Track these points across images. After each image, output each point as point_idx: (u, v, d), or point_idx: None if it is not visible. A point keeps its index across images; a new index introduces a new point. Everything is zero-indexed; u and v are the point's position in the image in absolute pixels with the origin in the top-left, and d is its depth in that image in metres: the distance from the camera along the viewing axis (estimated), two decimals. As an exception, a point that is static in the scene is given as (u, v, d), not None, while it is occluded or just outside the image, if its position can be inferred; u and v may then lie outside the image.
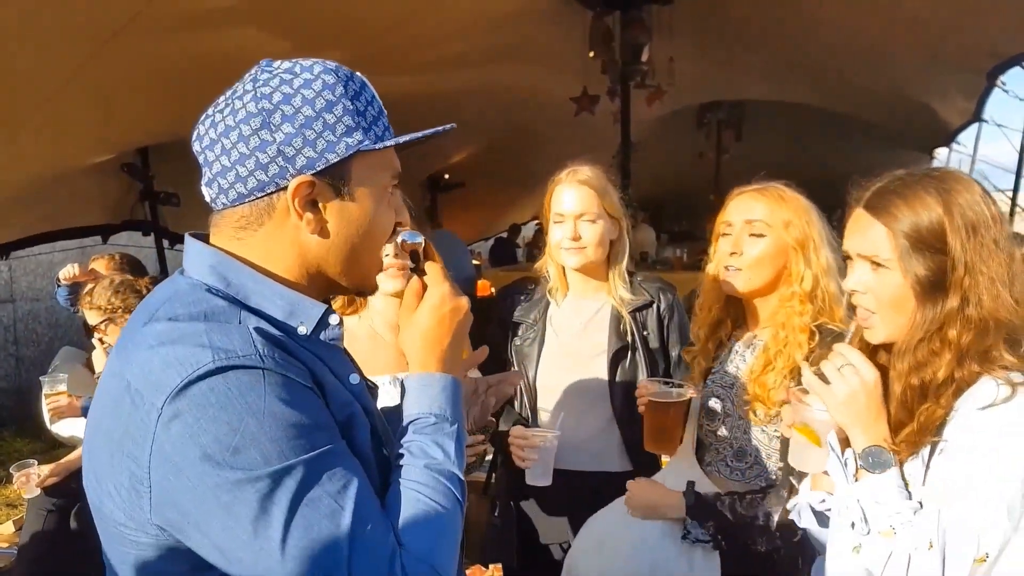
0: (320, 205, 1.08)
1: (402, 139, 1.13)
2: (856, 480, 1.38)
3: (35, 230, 6.27)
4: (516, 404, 2.32)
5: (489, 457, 2.51)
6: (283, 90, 1.04)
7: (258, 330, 1.00)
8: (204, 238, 1.13)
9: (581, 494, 2.18)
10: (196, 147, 1.09)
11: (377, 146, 1.09)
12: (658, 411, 1.94)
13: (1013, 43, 7.01)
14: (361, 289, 1.21)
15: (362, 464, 1.03)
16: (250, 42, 4.76)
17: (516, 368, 2.33)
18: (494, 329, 2.44)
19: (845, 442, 1.42)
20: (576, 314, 2.34)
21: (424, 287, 1.23)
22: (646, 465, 2.21)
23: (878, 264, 1.36)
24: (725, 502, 1.85)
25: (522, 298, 2.41)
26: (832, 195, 1.97)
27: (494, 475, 2.48)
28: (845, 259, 1.45)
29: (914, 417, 1.34)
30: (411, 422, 1.12)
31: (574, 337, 2.31)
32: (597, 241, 2.23)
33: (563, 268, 2.33)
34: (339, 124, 1.06)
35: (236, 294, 1.06)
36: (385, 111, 1.15)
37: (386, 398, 1.94)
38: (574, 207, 2.22)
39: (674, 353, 2.29)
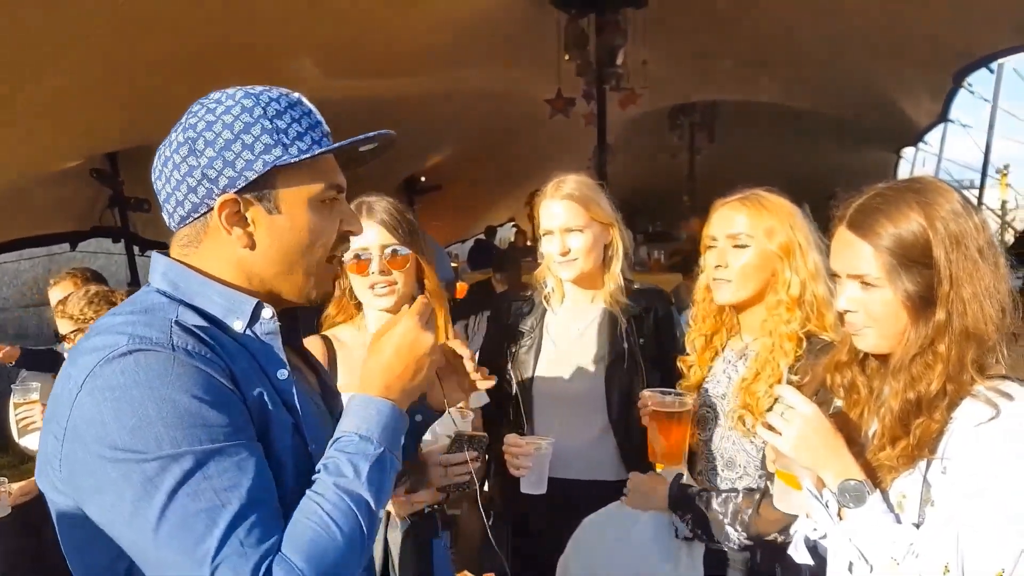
0: (250, 220, 1.15)
1: (320, 150, 1.16)
2: (840, 519, 1.37)
3: (1, 238, 6.14)
4: (511, 411, 2.30)
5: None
6: (206, 118, 1.13)
7: (179, 323, 1.07)
8: (165, 253, 1.23)
9: (575, 502, 2.16)
10: (152, 178, 1.19)
11: (293, 160, 1.13)
12: (661, 423, 1.93)
13: (980, 45, 7.15)
14: (307, 299, 1.24)
15: (277, 462, 1.08)
16: (217, 45, 4.70)
17: (514, 375, 2.31)
18: (492, 335, 2.42)
19: (821, 482, 1.42)
20: (573, 321, 2.33)
21: (427, 305, 1.28)
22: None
23: (867, 283, 1.36)
24: (703, 497, 1.87)
25: (520, 305, 2.40)
26: (804, 193, 1.99)
27: (487, 483, 2.47)
28: (833, 276, 1.46)
29: (910, 432, 1.34)
30: (336, 439, 1.13)
31: (571, 344, 2.30)
32: (586, 252, 2.22)
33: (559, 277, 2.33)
34: (257, 143, 1.12)
35: (182, 295, 1.14)
36: (322, 126, 1.20)
37: None
38: (560, 221, 2.22)
39: (670, 361, 2.28)
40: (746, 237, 1.87)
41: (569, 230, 2.21)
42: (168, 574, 0.97)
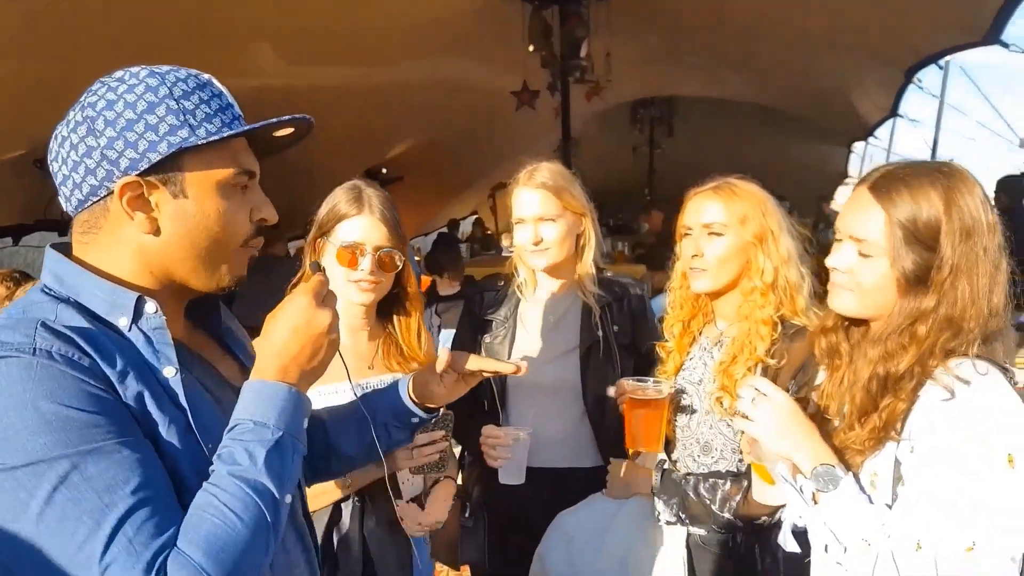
0: (153, 204, 1.09)
1: (229, 133, 1.10)
2: (815, 503, 1.40)
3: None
4: (486, 402, 2.29)
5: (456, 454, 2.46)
6: (107, 97, 1.08)
7: (47, 325, 1.00)
8: (60, 247, 1.16)
9: (553, 491, 2.17)
10: (48, 160, 1.13)
11: (201, 142, 1.08)
12: (638, 410, 1.94)
13: (931, 42, 7.34)
14: (218, 287, 1.18)
15: (171, 462, 1.03)
16: (177, 31, 4.59)
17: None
18: (465, 325, 2.41)
19: (796, 468, 1.44)
20: (547, 311, 2.32)
21: (322, 283, 1.20)
22: (617, 460, 2.20)
23: (865, 252, 1.38)
24: (689, 482, 1.89)
25: (492, 295, 2.38)
26: (762, 186, 2.01)
27: (462, 474, 2.45)
28: (834, 236, 1.46)
29: (878, 408, 1.36)
30: (230, 428, 1.07)
31: (545, 334, 2.30)
32: (559, 241, 2.21)
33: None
34: (162, 124, 1.07)
35: (68, 292, 1.08)
36: (233, 108, 1.15)
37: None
38: (532, 210, 2.21)
39: (644, 348, 2.29)
40: (720, 226, 1.89)
41: (542, 219, 2.21)
42: None
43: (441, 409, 1.95)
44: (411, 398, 1.52)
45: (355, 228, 1.91)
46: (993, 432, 1.25)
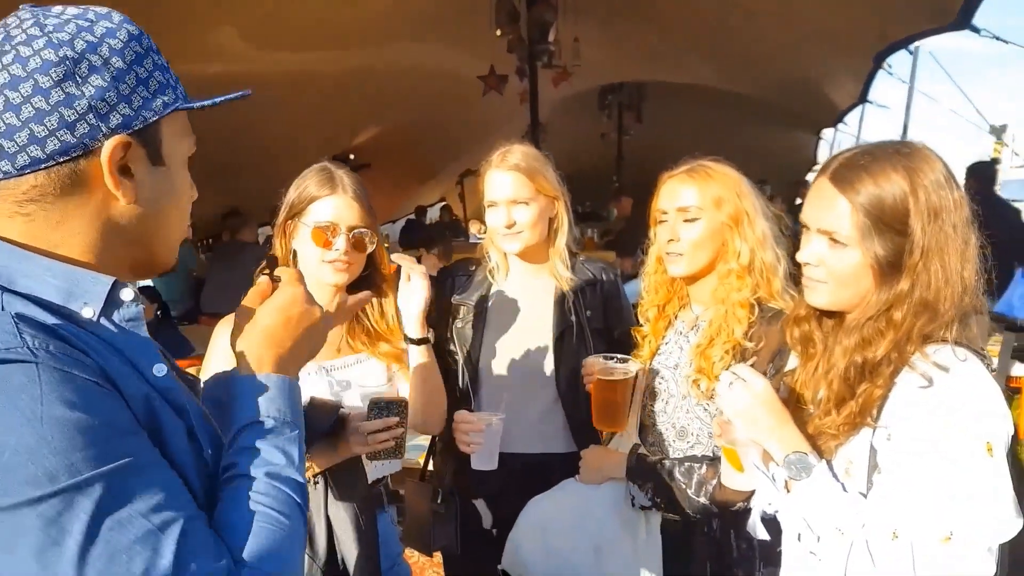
0: (132, 170, 0.94)
1: (215, 100, 1.01)
2: (788, 491, 1.39)
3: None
4: (458, 388, 2.26)
5: (415, 442, 2.43)
6: (85, 37, 0.89)
7: (21, 316, 0.83)
8: None
9: (526, 476, 2.16)
10: None
11: (194, 105, 0.98)
12: (605, 388, 1.94)
13: (900, 27, 7.38)
14: (165, 269, 1.07)
15: (178, 473, 0.90)
16: (139, 14, 4.46)
17: (459, 350, 2.28)
18: (437, 310, 2.38)
19: (768, 455, 1.44)
20: (519, 295, 2.30)
21: (271, 288, 1.13)
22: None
23: (836, 241, 1.36)
24: (664, 465, 1.88)
25: (463, 279, 2.36)
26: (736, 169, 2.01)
27: (432, 460, 2.44)
28: (801, 228, 1.45)
29: (855, 395, 1.35)
30: (247, 426, 1.00)
31: (517, 318, 2.28)
32: (532, 224, 2.19)
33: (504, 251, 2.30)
34: (151, 80, 0.94)
35: None
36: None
37: (311, 389, 1.86)
38: (505, 193, 2.18)
39: (617, 333, 2.28)
40: (696, 210, 1.88)
41: (515, 202, 2.18)
42: None
43: (397, 395, 1.95)
44: None
45: (328, 208, 1.89)
46: (971, 420, 1.23)
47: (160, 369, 0.95)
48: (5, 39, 0.88)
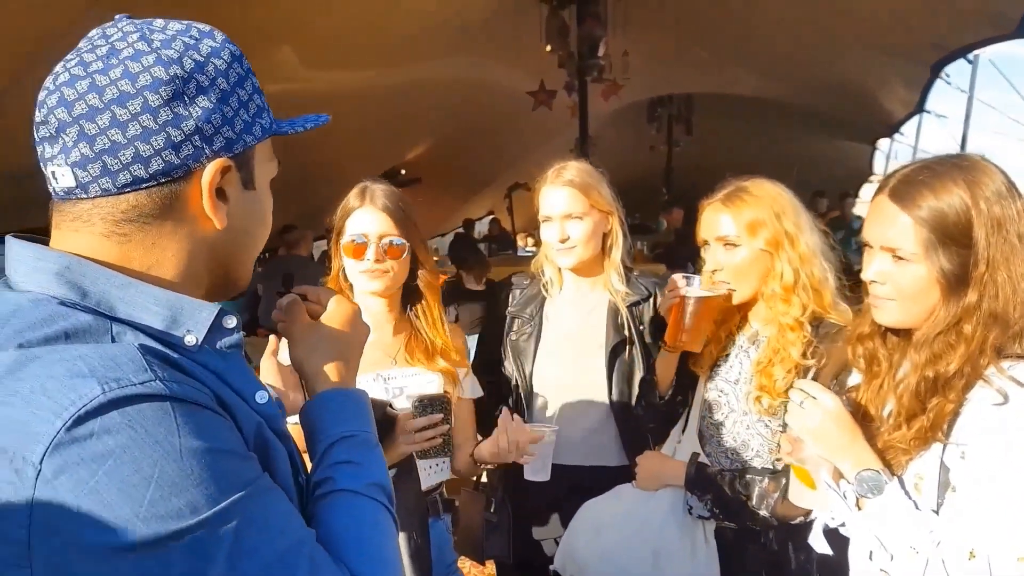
0: (226, 194, 0.92)
1: (313, 123, 1.01)
2: (860, 509, 1.38)
3: None
4: (511, 399, 2.29)
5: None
6: (193, 56, 0.88)
7: (146, 348, 0.81)
8: (33, 239, 0.90)
9: (578, 488, 2.17)
10: (57, 115, 0.84)
11: (287, 129, 0.98)
12: (693, 304, 1.91)
13: (958, 36, 7.22)
14: (241, 289, 1.05)
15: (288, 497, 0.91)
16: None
17: (512, 362, 2.31)
18: (490, 323, 2.41)
19: (839, 472, 1.42)
20: (573, 308, 2.32)
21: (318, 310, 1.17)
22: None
23: (899, 257, 1.35)
24: (725, 477, 1.88)
25: (518, 292, 2.39)
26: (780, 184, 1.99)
27: (485, 470, 2.46)
28: (864, 246, 1.44)
29: (926, 410, 1.34)
30: (340, 440, 1.02)
31: (571, 331, 2.30)
32: (586, 239, 2.21)
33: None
34: (251, 102, 0.94)
35: (98, 306, 0.84)
36: None
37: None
38: (560, 208, 2.21)
39: None
40: (734, 238, 1.88)
41: (569, 217, 2.21)
42: None
43: (441, 392, 1.99)
44: None
45: (358, 221, 1.98)
46: None
47: (262, 396, 0.95)
48: (111, 52, 0.85)
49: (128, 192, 0.86)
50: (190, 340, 0.88)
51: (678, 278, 1.96)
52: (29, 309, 0.81)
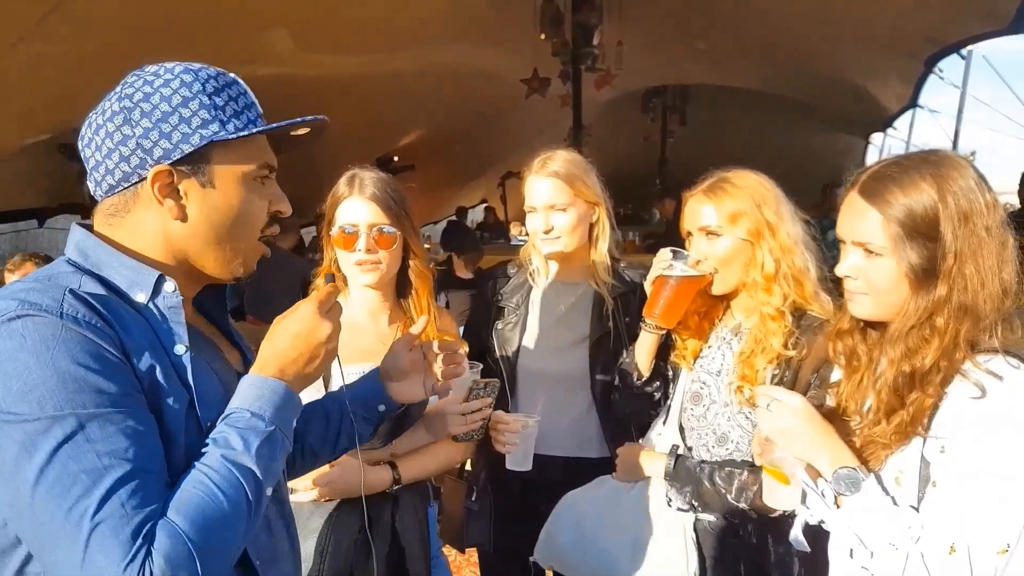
0: (182, 192, 1.18)
1: (256, 129, 1.20)
2: (838, 507, 1.38)
3: (-35, 213, 6.01)
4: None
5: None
6: (144, 89, 1.16)
7: (74, 292, 1.07)
8: (86, 225, 1.23)
9: (559, 479, 2.18)
10: (80, 146, 1.21)
11: (231, 136, 1.18)
12: (674, 281, 1.92)
13: (951, 30, 7.23)
14: (232, 275, 1.27)
15: (168, 436, 1.09)
16: (194, 17, 4.60)
17: (498, 351, 2.32)
18: (477, 311, 2.41)
19: (815, 471, 1.43)
20: (558, 299, 2.32)
21: (327, 296, 1.28)
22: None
23: (870, 251, 1.37)
24: (704, 470, 1.89)
25: (505, 281, 2.39)
26: (772, 176, 2.01)
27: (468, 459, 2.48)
28: (839, 242, 1.46)
29: (905, 404, 1.35)
30: (228, 415, 1.14)
31: (556, 322, 2.30)
32: (570, 230, 2.21)
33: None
34: (195, 118, 1.16)
35: (90, 265, 1.16)
36: (256, 107, 1.25)
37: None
38: (544, 199, 2.21)
39: None
40: (716, 227, 1.90)
41: (553, 207, 2.20)
42: (44, 533, 0.98)
43: (475, 373, 2.01)
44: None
45: (348, 210, 1.96)
46: None
47: (179, 349, 1.15)
48: (107, 96, 1.19)
49: (110, 196, 1.20)
50: (140, 297, 1.16)
51: (666, 252, 1.97)
52: (53, 264, 1.18)
